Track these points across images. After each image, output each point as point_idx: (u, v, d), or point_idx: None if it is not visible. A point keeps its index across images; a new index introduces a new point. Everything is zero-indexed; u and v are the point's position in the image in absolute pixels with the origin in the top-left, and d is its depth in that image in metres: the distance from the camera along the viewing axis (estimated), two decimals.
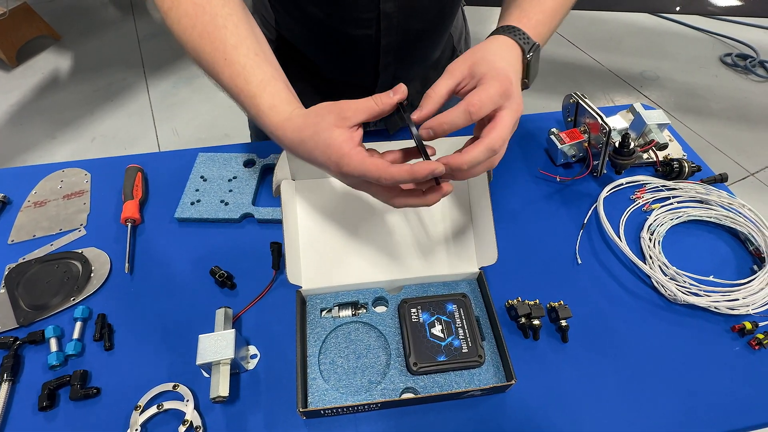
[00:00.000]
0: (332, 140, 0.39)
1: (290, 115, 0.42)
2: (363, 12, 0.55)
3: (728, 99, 2.14)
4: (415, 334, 0.50)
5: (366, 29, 0.57)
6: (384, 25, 0.56)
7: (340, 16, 0.56)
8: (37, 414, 0.47)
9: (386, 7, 0.54)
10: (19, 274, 0.57)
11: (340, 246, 0.55)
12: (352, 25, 0.57)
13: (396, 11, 0.55)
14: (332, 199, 0.56)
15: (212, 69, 0.45)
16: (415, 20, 0.58)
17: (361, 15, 0.55)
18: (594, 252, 0.61)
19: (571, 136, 0.68)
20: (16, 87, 2.14)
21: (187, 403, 0.47)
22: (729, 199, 0.65)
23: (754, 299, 0.55)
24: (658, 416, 0.48)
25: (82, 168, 0.71)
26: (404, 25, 0.57)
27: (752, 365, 0.52)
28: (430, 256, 0.56)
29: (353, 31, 0.57)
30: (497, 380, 0.48)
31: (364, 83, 0.67)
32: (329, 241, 0.55)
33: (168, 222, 0.64)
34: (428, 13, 0.58)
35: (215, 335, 0.48)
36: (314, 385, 0.47)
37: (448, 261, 0.55)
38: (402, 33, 0.58)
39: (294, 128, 0.42)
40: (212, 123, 2.01)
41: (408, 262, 0.55)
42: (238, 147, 0.73)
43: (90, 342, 0.52)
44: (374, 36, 0.58)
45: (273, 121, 0.43)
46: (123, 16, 2.64)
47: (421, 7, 0.56)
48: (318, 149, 0.40)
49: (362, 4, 0.54)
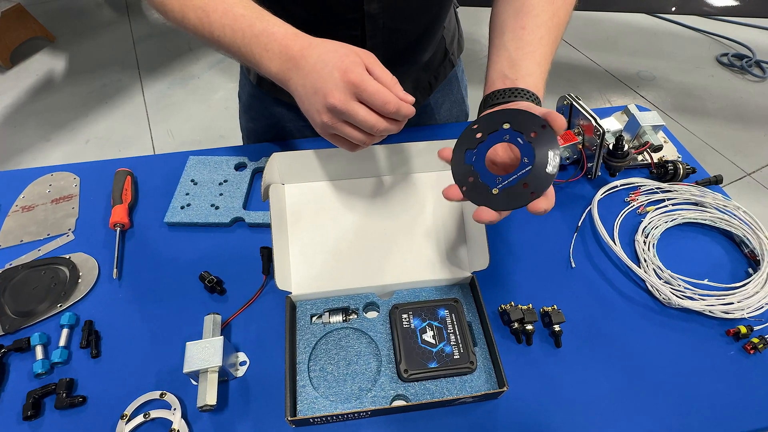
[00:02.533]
0: (356, 51, 0.42)
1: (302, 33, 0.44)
2: (347, 13, 0.55)
3: (724, 99, 2.14)
4: (407, 341, 0.49)
5: (351, 30, 0.57)
6: (369, 26, 0.56)
7: (324, 17, 0.56)
8: (22, 423, 0.46)
9: (370, 8, 0.54)
10: (5, 280, 0.56)
11: (330, 251, 0.54)
12: (337, 26, 0.56)
13: (380, 12, 0.55)
14: (322, 204, 0.55)
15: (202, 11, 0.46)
16: (400, 21, 0.57)
17: (346, 16, 0.55)
18: (588, 255, 0.61)
19: (565, 138, 0.68)
20: (10, 89, 2.13)
21: (175, 412, 0.46)
22: (724, 201, 0.64)
23: (749, 303, 0.54)
24: (652, 422, 0.47)
25: (71, 172, 0.70)
26: (390, 25, 0.57)
27: (747, 369, 0.51)
28: (421, 260, 0.55)
29: (338, 32, 0.57)
30: (489, 387, 0.48)
31: None
32: (319, 246, 0.54)
33: (158, 226, 0.63)
34: (414, 14, 0.58)
35: (203, 342, 0.47)
36: (303, 393, 0.47)
37: (439, 266, 0.55)
38: (388, 34, 0.58)
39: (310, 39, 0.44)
40: (207, 124, 2.00)
41: (399, 266, 0.55)
42: (229, 150, 0.72)
43: (77, 349, 0.51)
44: (359, 37, 0.57)
45: (282, 30, 0.44)
46: (118, 17, 2.62)
47: (407, 8, 0.56)
48: (335, 52, 0.41)
49: (346, 5, 0.54)
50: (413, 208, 0.56)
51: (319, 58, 0.42)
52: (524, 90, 0.46)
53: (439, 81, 0.77)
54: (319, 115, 0.42)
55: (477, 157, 0.39)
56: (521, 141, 0.38)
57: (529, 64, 0.48)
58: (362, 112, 0.41)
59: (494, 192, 0.38)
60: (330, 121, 0.42)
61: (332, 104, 0.41)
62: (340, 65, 0.41)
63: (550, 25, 0.49)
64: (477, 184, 0.38)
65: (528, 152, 0.37)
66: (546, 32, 0.49)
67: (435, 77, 0.76)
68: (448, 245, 0.56)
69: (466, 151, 0.40)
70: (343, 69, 0.40)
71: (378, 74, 0.42)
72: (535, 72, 0.48)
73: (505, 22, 0.51)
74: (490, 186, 0.38)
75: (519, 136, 0.38)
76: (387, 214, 0.56)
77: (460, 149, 0.40)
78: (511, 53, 0.49)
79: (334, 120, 0.42)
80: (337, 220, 0.55)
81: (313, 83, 0.42)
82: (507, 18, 0.51)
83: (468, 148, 0.40)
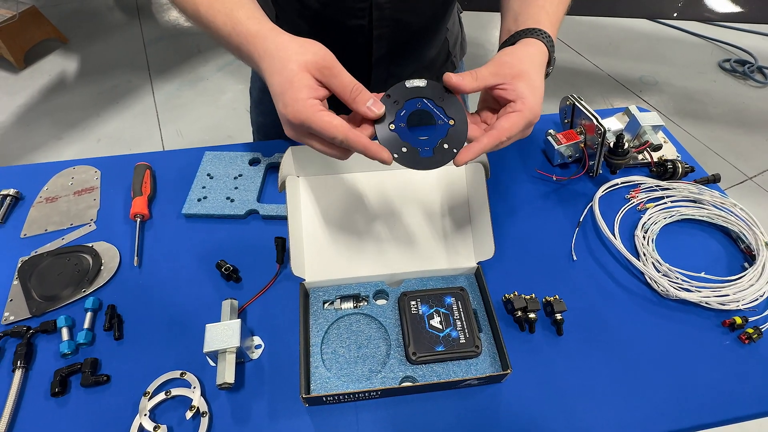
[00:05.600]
0: (295, 79, 0.39)
1: (275, 28, 0.43)
2: (356, 2, 0.57)
3: (726, 104, 2.16)
4: (415, 326, 0.51)
5: (359, 19, 0.59)
6: (376, 15, 0.59)
7: (335, 6, 0.58)
8: (50, 399, 0.49)
9: None
10: (31, 267, 0.59)
11: (342, 240, 0.57)
12: (346, 15, 0.59)
13: (387, 2, 0.57)
14: (335, 195, 0.58)
15: (192, 2, 0.46)
16: (406, 13, 0.60)
17: (355, 5, 0.58)
18: (589, 249, 0.63)
19: (568, 137, 0.70)
20: (23, 88, 2.18)
21: (194, 390, 0.48)
22: (721, 198, 0.66)
23: (744, 295, 0.56)
24: (649, 408, 0.49)
25: (92, 165, 0.73)
26: (395, 16, 0.59)
27: (742, 359, 0.53)
28: (429, 250, 0.57)
29: (348, 21, 0.59)
30: (494, 370, 0.50)
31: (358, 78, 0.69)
32: (332, 236, 0.57)
33: (175, 218, 0.65)
34: (419, 6, 0.61)
35: (222, 325, 0.49)
36: (317, 374, 0.49)
37: (446, 255, 0.57)
38: (393, 24, 0.60)
39: (275, 42, 0.41)
40: (216, 125, 2.03)
41: (408, 256, 0.57)
42: (243, 146, 0.75)
43: (100, 331, 0.54)
44: (367, 26, 0.60)
45: (252, 30, 0.43)
46: (129, 19, 2.67)
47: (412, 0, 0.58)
48: (279, 76, 0.40)
49: None
50: (421, 200, 0.59)
51: (272, 84, 0.41)
52: (524, 30, 0.47)
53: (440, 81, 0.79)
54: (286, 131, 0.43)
55: (399, 125, 0.42)
56: (432, 106, 0.43)
57: (531, 8, 0.49)
58: (316, 144, 0.42)
59: (423, 155, 0.42)
60: (296, 139, 0.43)
61: (288, 135, 0.43)
62: (286, 102, 0.40)
63: None
64: (408, 150, 0.42)
65: (441, 114, 0.43)
66: None
67: (437, 78, 0.78)
68: (455, 236, 0.58)
69: (389, 122, 0.43)
70: (291, 109, 0.39)
71: (339, 82, 0.40)
72: (538, 14, 0.48)
73: None
74: (420, 150, 0.42)
75: (430, 101, 0.43)
76: (396, 205, 0.58)
77: (382, 121, 0.42)
78: (515, 10, 0.50)
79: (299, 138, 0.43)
80: (348, 212, 0.58)
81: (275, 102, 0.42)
82: None
83: (390, 120, 0.42)
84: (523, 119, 0.42)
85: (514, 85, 0.43)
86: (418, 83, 0.43)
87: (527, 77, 0.43)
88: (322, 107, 0.40)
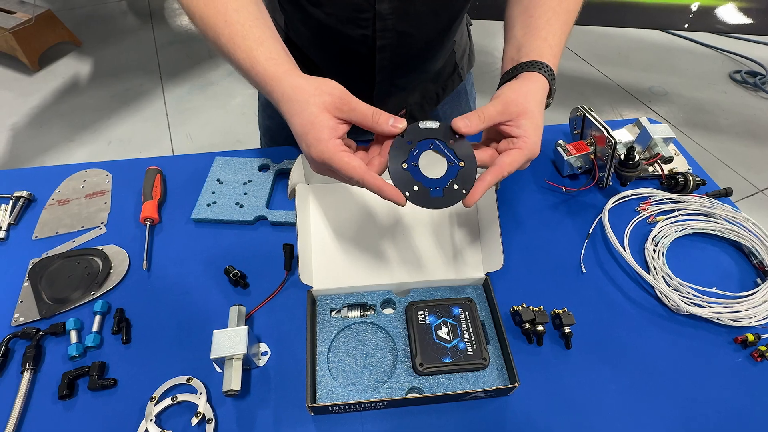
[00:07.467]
0: (316, 121, 0.42)
1: (292, 70, 0.45)
2: (360, 12, 0.58)
3: (737, 115, 2.14)
4: (422, 336, 0.51)
5: (363, 29, 0.60)
6: (379, 26, 0.59)
7: (339, 16, 0.59)
8: (57, 402, 0.49)
9: (381, 7, 0.57)
10: (42, 269, 0.59)
11: (350, 249, 0.57)
12: (350, 25, 0.59)
13: (391, 12, 0.58)
14: (345, 204, 0.58)
15: (213, 32, 0.48)
16: (409, 24, 0.60)
17: (359, 15, 0.58)
18: (598, 261, 0.63)
19: (578, 148, 0.70)
20: (37, 90, 2.21)
21: (200, 396, 0.49)
22: (733, 212, 0.66)
23: (756, 311, 0.56)
24: (658, 425, 0.49)
25: (104, 169, 0.74)
26: (398, 27, 0.60)
27: (754, 377, 0.52)
28: (437, 260, 0.57)
29: (351, 31, 0.60)
30: (501, 382, 0.49)
31: (362, 89, 0.70)
32: (340, 244, 0.57)
33: (185, 222, 0.66)
34: (423, 20, 0.61)
35: (229, 331, 0.49)
36: (323, 382, 0.49)
37: (455, 266, 0.57)
38: (397, 36, 0.61)
39: (292, 85, 0.44)
40: (225, 129, 2.05)
41: (416, 266, 0.57)
42: (253, 152, 0.75)
43: (108, 335, 0.54)
44: (371, 36, 0.60)
45: (270, 72, 0.45)
46: (142, 24, 2.72)
47: (415, 12, 0.59)
48: (300, 118, 0.42)
49: (359, 4, 0.57)
50: (431, 210, 0.58)
51: (294, 125, 0.44)
52: (527, 63, 0.49)
53: (446, 93, 0.80)
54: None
55: (412, 164, 0.44)
56: (443, 147, 0.44)
57: (534, 41, 0.50)
58: (336, 177, 0.45)
59: (433, 195, 0.43)
60: (318, 173, 0.46)
61: (312, 169, 0.46)
62: (309, 142, 0.42)
63: (558, 9, 0.52)
64: (420, 190, 0.43)
65: (452, 156, 0.44)
66: (553, 15, 0.51)
67: (443, 89, 0.79)
68: (464, 246, 0.58)
69: (403, 161, 0.44)
70: (315, 149, 0.42)
71: (358, 113, 0.43)
72: (541, 46, 0.50)
73: (515, 17, 0.54)
74: (431, 190, 0.44)
75: (441, 143, 0.45)
76: (405, 215, 0.58)
77: (396, 159, 0.44)
78: (518, 39, 0.52)
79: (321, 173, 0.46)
80: (357, 220, 0.58)
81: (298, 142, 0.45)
82: (517, 14, 0.54)
83: (403, 159, 0.44)
84: (523, 156, 0.44)
85: (519, 122, 0.45)
86: (431, 125, 0.45)
87: (531, 116, 0.45)
88: (343, 147, 0.42)
